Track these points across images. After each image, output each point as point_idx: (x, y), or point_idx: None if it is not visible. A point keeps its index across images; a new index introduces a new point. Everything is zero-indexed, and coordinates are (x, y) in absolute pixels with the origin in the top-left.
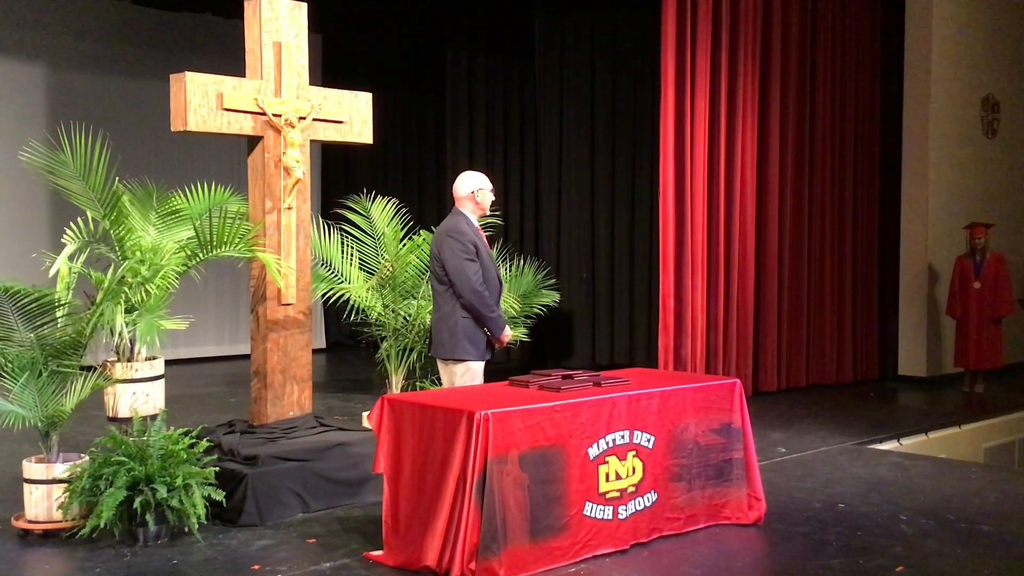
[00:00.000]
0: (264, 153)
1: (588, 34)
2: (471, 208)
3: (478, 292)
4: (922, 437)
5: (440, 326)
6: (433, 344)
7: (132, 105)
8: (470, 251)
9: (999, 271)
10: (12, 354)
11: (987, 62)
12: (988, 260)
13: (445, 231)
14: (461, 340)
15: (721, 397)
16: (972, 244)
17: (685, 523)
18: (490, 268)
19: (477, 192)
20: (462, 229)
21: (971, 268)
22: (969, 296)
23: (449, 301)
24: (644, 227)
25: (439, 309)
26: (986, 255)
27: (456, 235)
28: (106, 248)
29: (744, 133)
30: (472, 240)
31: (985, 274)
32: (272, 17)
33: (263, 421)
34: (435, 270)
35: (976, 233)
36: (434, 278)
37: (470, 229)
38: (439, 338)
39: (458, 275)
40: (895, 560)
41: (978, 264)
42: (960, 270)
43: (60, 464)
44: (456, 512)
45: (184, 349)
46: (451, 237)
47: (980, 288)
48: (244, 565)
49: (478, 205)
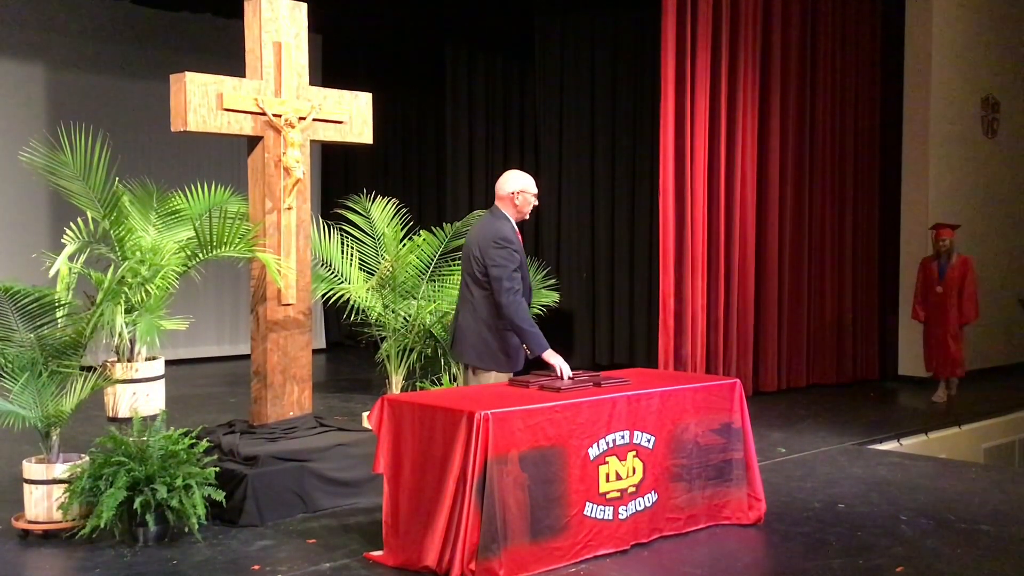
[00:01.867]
0: (264, 153)
1: (588, 34)
2: (511, 210)
3: (513, 303)
4: (922, 437)
5: (470, 330)
6: (457, 345)
7: (132, 105)
8: (515, 261)
9: (965, 275)
10: (12, 354)
11: (987, 62)
12: (954, 263)
13: (491, 236)
14: (494, 351)
15: (721, 397)
16: (937, 246)
17: (685, 523)
18: (526, 276)
19: (518, 194)
20: (508, 236)
21: (935, 271)
22: (931, 300)
23: (484, 306)
24: (644, 227)
25: (473, 311)
26: (951, 258)
27: (504, 243)
28: (106, 248)
29: (744, 133)
30: (518, 249)
31: (949, 277)
32: (272, 17)
33: (263, 421)
34: (472, 271)
35: (941, 235)
36: (469, 278)
37: (514, 234)
38: (468, 342)
39: (503, 288)
40: (895, 560)
41: (943, 267)
42: (924, 273)
43: (60, 464)
44: (456, 512)
45: (184, 349)
46: (498, 245)
47: (942, 292)
48: (244, 565)
49: (517, 208)
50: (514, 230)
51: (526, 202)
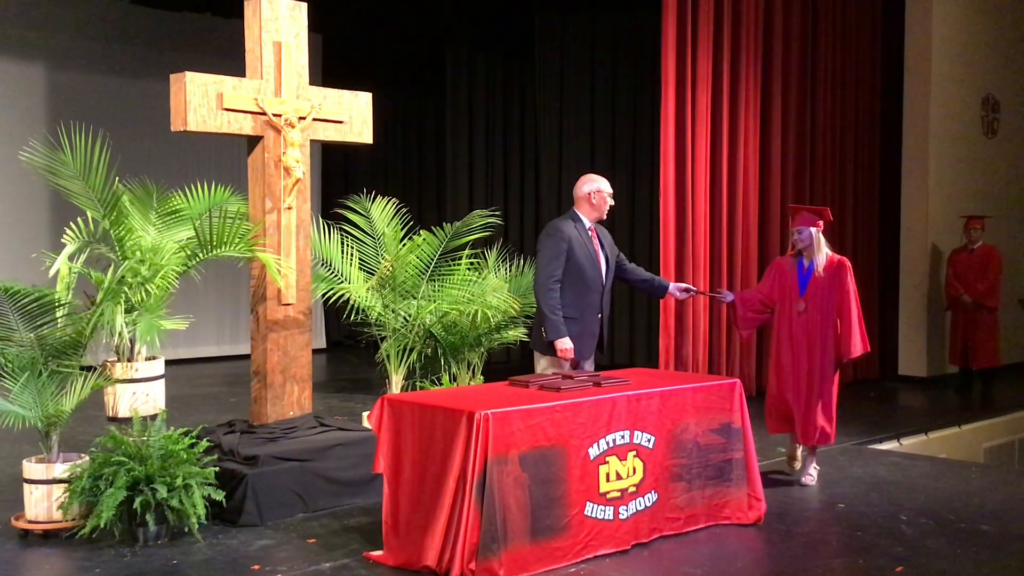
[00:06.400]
0: (264, 153)
1: (588, 34)
2: (587, 209)
3: (542, 287)
4: (922, 437)
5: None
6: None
7: (132, 105)
8: (558, 248)
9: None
10: (12, 354)
11: (987, 62)
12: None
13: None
14: (539, 333)
15: (721, 397)
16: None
17: (685, 523)
18: (587, 270)
19: (593, 194)
20: (559, 226)
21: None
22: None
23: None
24: (644, 227)
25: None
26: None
27: (551, 231)
28: (106, 248)
29: (745, 133)
30: (565, 238)
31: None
32: (272, 17)
33: (263, 421)
34: None
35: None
36: None
37: (570, 228)
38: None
39: (536, 270)
40: (895, 560)
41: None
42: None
43: (60, 464)
44: (456, 512)
45: (184, 349)
46: (545, 233)
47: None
48: (244, 565)
49: (593, 207)
50: (579, 227)
51: (601, 200)
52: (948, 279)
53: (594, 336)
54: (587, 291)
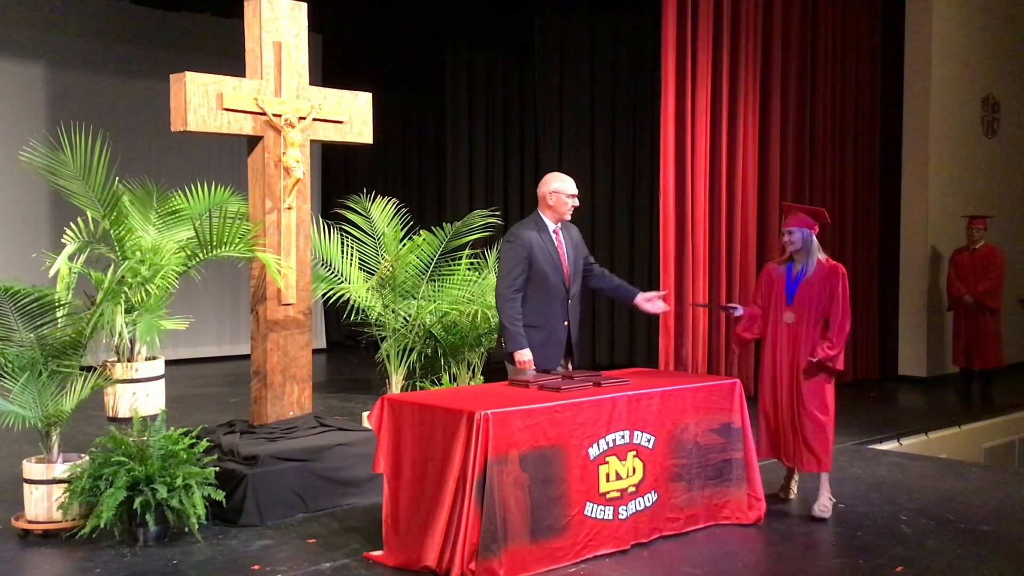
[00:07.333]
0: (264, 153)
1: (588, 34)
2: (547, 211)
3: (501, 298)
4: (922, 437)
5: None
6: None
7: (132, 105)
8: (518, 256)
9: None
10: (12, 354)
11: (987, 62)
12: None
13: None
14: (500, 343)
15: (721, 397)
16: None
17: (685, 523)
18: (549, 276)
19: (550, 195)
20: (518, 233)
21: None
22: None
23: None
24: (644, 227)
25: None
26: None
27: (510, 238)
28: (106, 248)
29: (745, 133)
30: (525, 245)
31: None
32: (272, 17)
33: (263, 421)
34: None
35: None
36: None
37: (531, 233)
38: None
39: (497, 280)
40: (895, 560)
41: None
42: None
43: (60, 464)
44: (456, 512)
45: (184, 349)
46: (505, 240)
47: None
48: (244, 565)
49: (551, 208)
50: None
51: (559, 202)
52: (950, 279)
53: (561, 344)
54: (551, 298)
